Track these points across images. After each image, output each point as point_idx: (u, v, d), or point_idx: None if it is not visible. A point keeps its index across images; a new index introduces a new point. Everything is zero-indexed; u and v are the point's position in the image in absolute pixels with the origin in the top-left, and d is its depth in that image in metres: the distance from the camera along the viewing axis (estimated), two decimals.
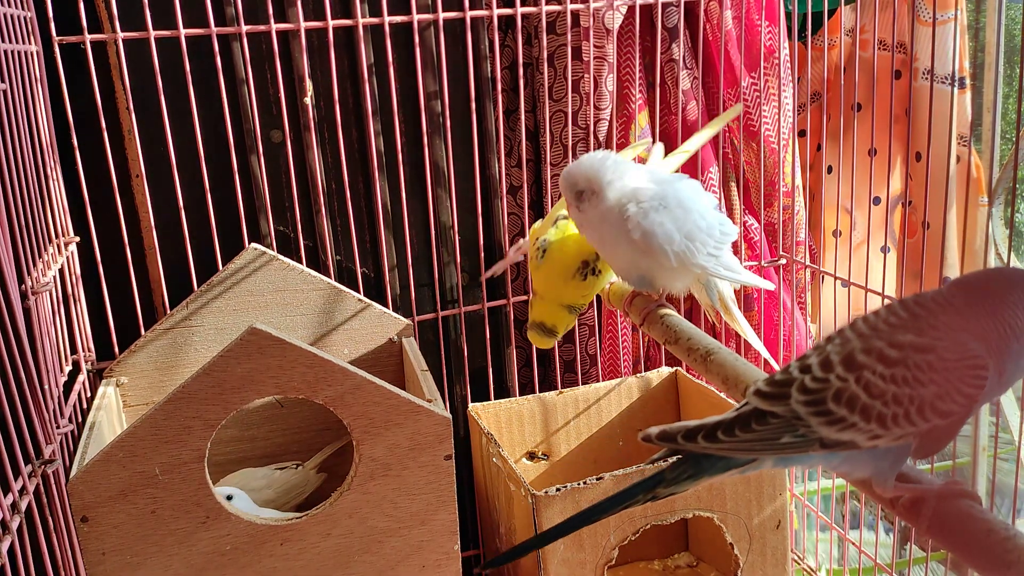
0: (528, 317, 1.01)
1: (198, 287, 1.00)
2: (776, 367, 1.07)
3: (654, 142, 1.21)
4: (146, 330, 1.00)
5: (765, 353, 1.05)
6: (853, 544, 1.16)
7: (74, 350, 0.97)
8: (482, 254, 1.16)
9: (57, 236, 0.96)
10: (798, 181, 1.25)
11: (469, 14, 1.07)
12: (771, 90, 1.21)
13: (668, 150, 1.22)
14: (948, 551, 0.54)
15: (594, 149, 1.19)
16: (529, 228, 1.24)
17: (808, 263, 1.23)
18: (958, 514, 0.51)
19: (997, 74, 1.27)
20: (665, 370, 1.22)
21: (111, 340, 1.02)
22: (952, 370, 0.50)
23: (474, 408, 1.16)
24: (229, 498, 0.86)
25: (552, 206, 1.21)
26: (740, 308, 1.21)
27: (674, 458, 0.58)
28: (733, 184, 1.27)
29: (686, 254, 0.89)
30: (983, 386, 0.50)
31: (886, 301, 1.02)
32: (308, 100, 1.08)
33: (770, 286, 1.02)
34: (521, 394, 1.21)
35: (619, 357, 1.25)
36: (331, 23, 1.03)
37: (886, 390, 0.51)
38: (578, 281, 0.97)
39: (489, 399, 1.18)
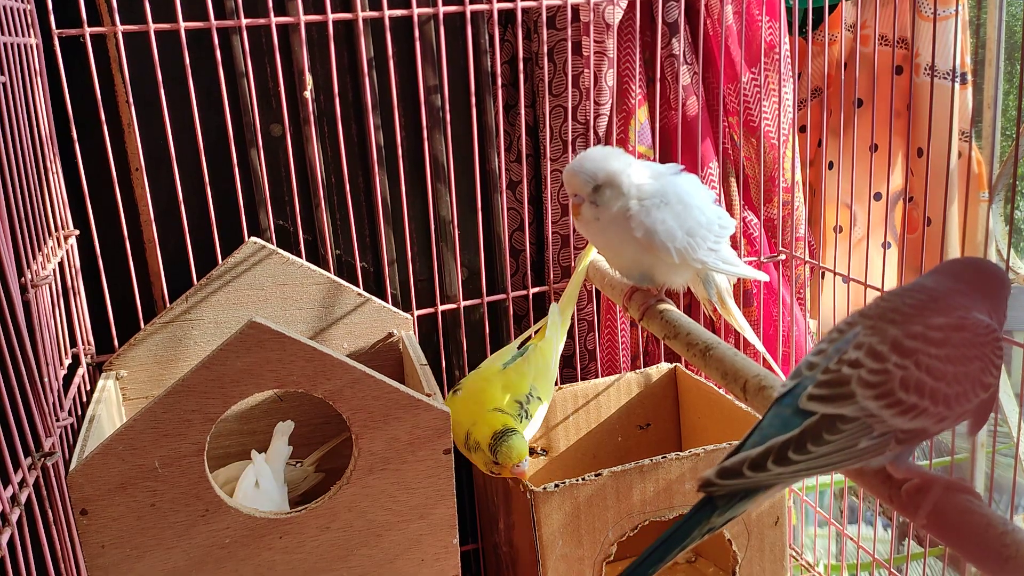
0: (482, 456, 0.91)
1: (197, 281, 1.00)
2: (772, 362, 1.07)
3: (654, 138, 1.21)
4: (146, 323, 1.00)
5: (760, 346, 1.05)
6: (851, 540, 1.16)
7: (74, 343, 0.97)
8: (482, 249, 1.16)
9: (57, 229, 0.96)
10: (798, 177, 1.25)
11: (469, 8, 1.07)
12: (771, 86, 1.20)
13: (666, 147, 1.22)
14: (946, 545, 0.54)
15: (594, 144, 1.18)
16: (529, 224, 1.23)
17: (807, 259, 1.23)
18: (956, 508, 0.51)
19: (998, 70, 1.27)
20: (664, 366, 1.22)
21: (111, 333, 1.02)
22: (984, 344, 0.52)
23: None
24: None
25: (551, 201, 1.21)
26: (739, 303, 1.21)
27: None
28: (733, 180, 1.27)
29: (687, 250, 0.89)
30: (1003, 356, 0.53)
31: None
32: (308, 94, 1.08)
33: (765, 277, 1.02)
34: None
35: (618, 352, 1.25)
36: (331, 17, 1.03)
37: (946, 371, 0.51)
38: (518, 423, 0.91)
39: None
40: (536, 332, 1.03)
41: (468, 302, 1.18)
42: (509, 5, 1.10)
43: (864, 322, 0.54)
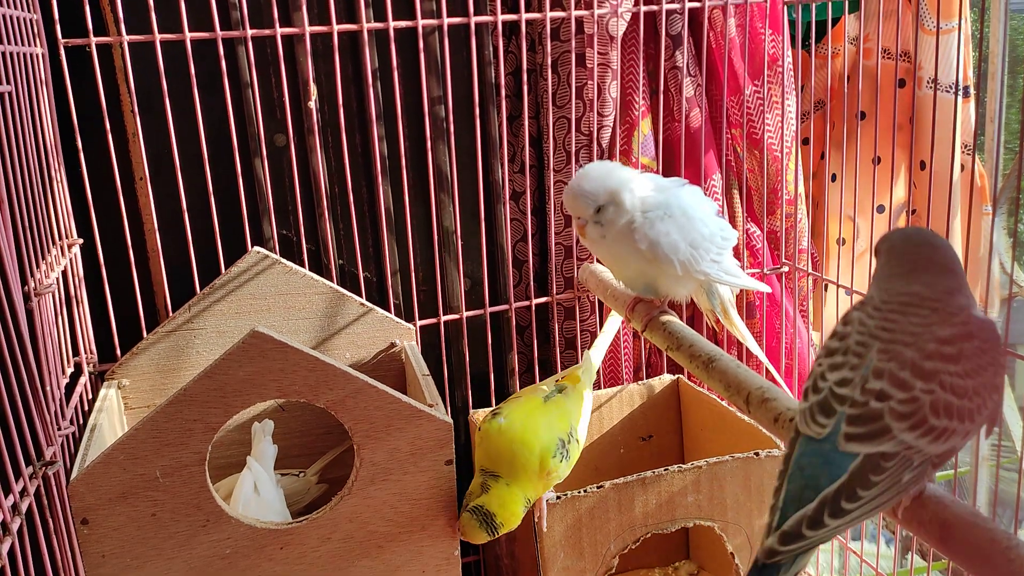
0: (468, 498, 0.85)
1: (200, 290, 1.01)
2: (775, 373, 1.07)
3: (657, 149, 1.21)
4: (148, 332, 1.00)
5: (763, 358, 1.05)
6: (855, 553, 1.16)
7: (76, 352, 0.97)
8: (484, 259, 1.16)
9: (60, 238, 0.96)
10: (800, 189, 1.25)
11: (473, 20, 1.07)
12: (774, 98, 1.21)
13: (669, 159, 1.22)
14: (950, 559, 0.53)
15: (597, 156, 1.19)
16: (532, 235, 1.24)
17: (810, 271, 1.23)
18: (961, 522, 0.51)
19: (1001, 84, 1.27)
20: (667, 377, 1.22)
21: (113, 342, 1.02)
22: (992, 347, 0.53)
23: (475, 413, 1.16)
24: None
25: (554, 212, 1.21)
26: (742, 315, 1.21)
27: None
28: (736, 192, 1.27)
29: (691, 262, 0.89)
30: (1004, 351, 0.54)
31: None
32: (312, 104, 1.08)
33: (767, 289, 1.02)
34: None
35: (620, 364, 1.25)
36: (336, 28, 1.03)
37: (967, 386, 0.51)
38: (556, 463, 0.87)
39: (491, 404, 1.17)
40: (565, 376, 1.01)
41: (471, 312, 1.18)
42: (513, 17, 1.10)
43: (875, 344, 0.53)
